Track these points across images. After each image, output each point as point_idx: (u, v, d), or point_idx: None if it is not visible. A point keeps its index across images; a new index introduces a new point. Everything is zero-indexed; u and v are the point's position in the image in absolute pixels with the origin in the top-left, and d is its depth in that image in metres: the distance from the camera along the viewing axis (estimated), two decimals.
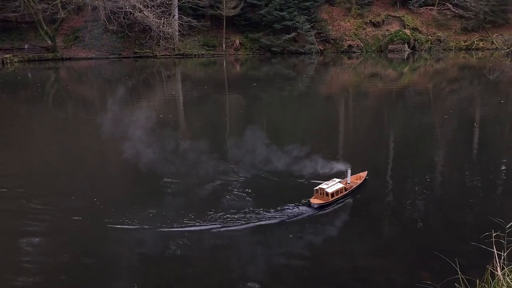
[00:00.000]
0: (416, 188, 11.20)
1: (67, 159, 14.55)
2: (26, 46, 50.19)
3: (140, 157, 14.57)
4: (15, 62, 47.11)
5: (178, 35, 52.25)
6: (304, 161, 12.15)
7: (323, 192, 10.08)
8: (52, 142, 17.26)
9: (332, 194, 10.03)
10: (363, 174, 11.41)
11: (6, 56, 46.74)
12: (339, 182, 10.50)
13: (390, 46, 54.84)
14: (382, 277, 7.33)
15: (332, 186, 10.22)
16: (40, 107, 25.00)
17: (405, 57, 51.19)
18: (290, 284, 7.20)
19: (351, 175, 10.89)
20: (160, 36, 50.86)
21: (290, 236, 8.67)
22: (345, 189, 10.50)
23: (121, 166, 13.70)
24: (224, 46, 53.68)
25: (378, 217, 9.71)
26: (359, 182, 11.04)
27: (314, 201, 9.98)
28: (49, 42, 50.76)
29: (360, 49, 54.96)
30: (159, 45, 51.29)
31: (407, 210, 9.96)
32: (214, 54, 53.28)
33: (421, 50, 54.86)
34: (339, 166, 11.68)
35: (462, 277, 5.47)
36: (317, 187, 10.26)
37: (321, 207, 9.86)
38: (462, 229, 9.11)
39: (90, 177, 12.45)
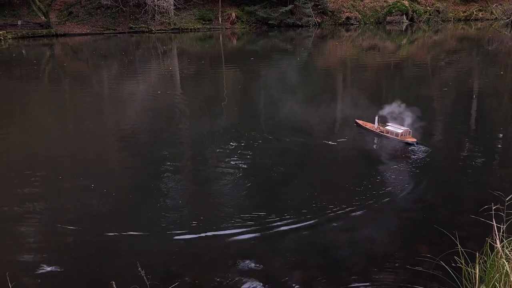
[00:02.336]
0: (413, 162, 11.25)
1: (65, 137, 14.51)
2: (19, 23, 49.35)
3: (140, 135, 14.59)
4: (9, 39, 46.44)
5: (174, 9, 51.42)
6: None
7: (408, 132, 12.63)
8: (49, 121, 17.18)
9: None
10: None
11: None
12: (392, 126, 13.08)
13: (388, 18, 54.20)
14: (379, 251, 7.42)
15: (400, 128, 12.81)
16: (36, 85, 24.78)
17: (404, 29, 50.66)
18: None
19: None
20: (155, 10, 50.08)
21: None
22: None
23: (120, 145, 13.69)
24: (220, 19, 52.92)
25: (373, 188, 9.78)
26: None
27: (412, 139, 12.39)
28: (43, 18, 49.90)
29: (358, 21, 54.31)
30: (154, 19, 50.52)
31: (404, 183, 10.01)
32: (210, 28, 52.58)
33: (419, 22, 54.27)
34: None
35: (461, 250, 5.54)
36: (401, 130, 12.58)
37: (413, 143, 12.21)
38: (461, 202, 9.20)
39: (88, 158, 12.40)
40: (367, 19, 54.71)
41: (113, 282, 5.41)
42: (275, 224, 8.29)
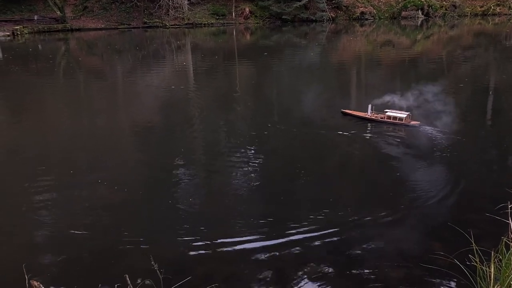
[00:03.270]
0: (427, 157, 11.14)
1: (79, 132, 14.65)
2: (35, 18, 49.91)
3: (154, 129, 14.68)
4: (25, 33, 47.00)
5: (188, 3, 51.50)
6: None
7: (409, 116, 13.61)
8: (64, 115, 17.36)
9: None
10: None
11: (16, 27, 46.62)
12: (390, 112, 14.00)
13: (403, 13, 53.56)
14: (392, 247, 7.37)
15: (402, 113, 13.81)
16: (52, 79, 25.06)
17: (419, 24, 50.05)
18: None
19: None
20: (169, 5, 50.22)
21: None
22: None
23: (133, 139, 13.79)
24: (233, 14, 52.85)
25: (387, 186, 9.72)
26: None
27: (416, 122, 13.47)
28: (58, 13, 50.40)
29: (373, 16, 53.78)
30: (168, 14, 50.68)
31: (418, 179, 9.92)
32: (224, 23, 52.55)
33: (435, 17, 53.53)
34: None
35: (476, 248, 5.48)
36: (404, 115, 13.53)
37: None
38: (476, 200, 9.07)
39: (101, 152, 12.50)
40: (382, 14, 54.15)
41: (127, 275, 5.47)
42: (289, 223, 8.28)
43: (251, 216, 8.47)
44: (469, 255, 5.61)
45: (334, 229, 7.89)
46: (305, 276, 6.67)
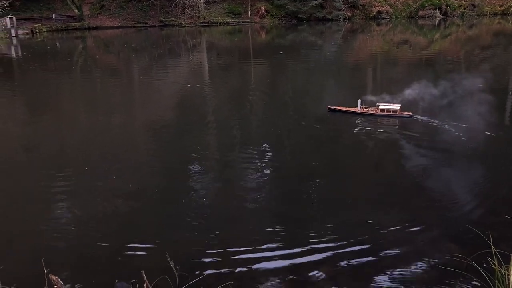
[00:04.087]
0: (450, 159, 11.01)
1: (95, 129, 14.80)
2: (54, 16, 50.59)
3: (170, 128, 14.77)
4: (44, 32, 47.68)
5: (203, 2, 51.70)
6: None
7: (401, 107, 14.41)
8: (80, 112, 17.58)
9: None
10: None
11: (35, 26, 47.33)
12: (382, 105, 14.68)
13: (420, 12, 53.05)
14: (409, 249, 7.30)
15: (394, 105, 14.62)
16: (69, 77, 25.37)
17: (436, 24, 49.49)
18: None
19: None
20: (186, 4, 50.48)
21: None
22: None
23: (149, 137, 13.89)
24: (249, 13, 52.90)
25: (405, 187, 9.64)
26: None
27: (409, 113, 14.35)
28: (76, 11, 51.04)
29: (390, 16, 53.34)
30: (184, 13, 50.93)
31: (435, 179, 9.81)
32: (240, 22, 52.63)
33: (453, 16, 52.88)
34: None
35: (494, 251, 5.40)
36: (397, 107, 14.38)
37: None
38: (495, 202, 8.91)
39: (117, 150, 12.60)
40: (399, 13, 53.66)
41: (143, 272, 5.52)
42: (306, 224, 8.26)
43: (266, 215, 8.48)
44: (488, 258, 5.53)
45: (349, 230, 7.85)
46: (320, 275, 6.65)
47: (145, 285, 4.92)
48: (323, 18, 52.26)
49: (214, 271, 6.78)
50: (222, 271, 6.79)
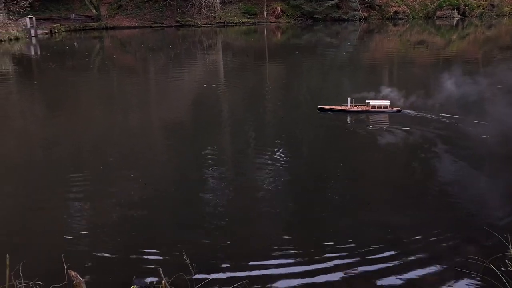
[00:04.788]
0: (467, 161, 10.89)
1: (112, 127, 14.99)
2: (72, 16, 51.31)
3: (186, 126, 14.88)
4: (62, 31, 48.36)
5: (220, 2, 51.92)
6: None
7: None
8: (98, 110, 17.79)
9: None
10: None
11: (54, 26, 48.05)
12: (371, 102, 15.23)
13: (438, 13, 52.46)
14: (426, 251, 7.24)
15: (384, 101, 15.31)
16: (87, 76, 25.71)
17: (454, 24, 48.90)
18: None
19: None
20: (202, 4, 50.72)
21: None
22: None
23: (165, 136, 14.01)
24: (265, 13, 52.94)
25: (422, 188, 9.57)
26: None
27: (397, 108, 15.10)
28: (94, 11, 51.68)
29: (407, 16, 52.86)
30: (200, 13, 51.19)
31: (454, 182, 9.72)
32: (255, 22, 52.72)
33: (471, 16, 52.19)
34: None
35: None
36: (387, 103, 15.07)
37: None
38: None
39: (133, 148, 12.72)
40: (416, 13, 53.15)
41: (160, 269, 5.60)
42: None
43: (281, 216, 8.51)
44: (506, 261, 5.48)
45: (365, 231, 7.83)
46: (335, 277, 6.64)
47: (163, 281, 4.98)
48: (339, 18, 52.04)
49: (229, 270, 6.81)
50: (237, 270, 6.82)
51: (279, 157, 11.35)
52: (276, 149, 11.93)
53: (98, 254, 7.26)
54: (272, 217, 8.45)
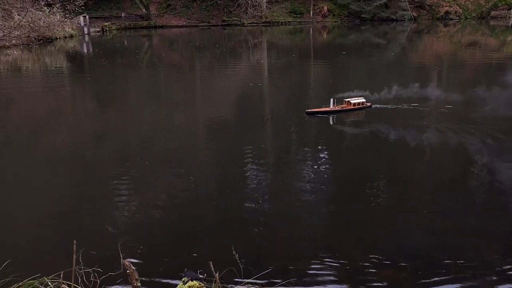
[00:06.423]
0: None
1: (158, 124, 15.35)
2: (123, 15, 52.93)
3: (230, 125, 15.06)
4: (113, 29, 49.96)
5: (266, 2, 52.11)
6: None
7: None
8: (145, 107, 18.29)
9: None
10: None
11: (105, 24, 49.71)
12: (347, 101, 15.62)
13: (492, 12, 50.48)
14: (474, 257, 7.01)
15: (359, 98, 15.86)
16: (136, 73, 26.47)
17: (510, 24, 46.86)
18: None
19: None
20: (248, 4, 51.06)
21: None
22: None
23: (209, 134, 14.22)
24: (311, 13, 52.66)
25: (472, 193, 9.29)
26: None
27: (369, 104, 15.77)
28: (144, 10, 53.07)
29: (458, 16, 51.17)
30: (247, 13, 51.55)
31: (507, 188, 9.37)
32: (301, 22, 52.54)
33: None
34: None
35: None
36: (363, 99, 15.68)
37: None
38: None
39: (178, 145, 12.96)
40: (469, 13, 51.35)
41: (211, 262, 5.71)
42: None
43: (326, 216, 8.48)
44: None
45: (410, 235, 7.70)
46: (380, 279, 6.56)
47: (216, 274, 5.09)
48: (387, 18, 51.04)
49: (276, 267, 6.87)
50: (284, 268, 6.86)
51: (321, 158, 11.31)
52: (318, 148, 11.90)
53: (149, 245, 7.49)
54: (315, 217, 8.44)
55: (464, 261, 6.90)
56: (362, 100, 15.74)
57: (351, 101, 15.45)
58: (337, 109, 15.33)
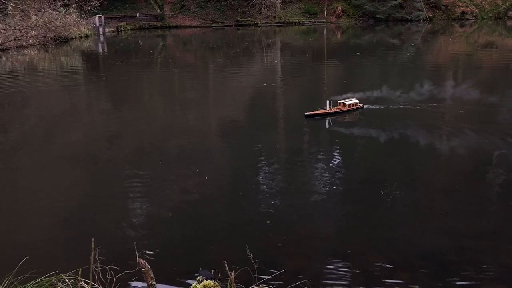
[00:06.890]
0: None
1: (171, 124, 15.43)
2: (137, 15, 53.34)
3: (244, 127, 15.06)
4: (128, 29, 50.37)
5: (280, 2, 52.07)
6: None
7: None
8: (158, 107, 18.41)
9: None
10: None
11: (120, 24, 50.17)
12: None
13: (510, 13, 49.80)
14: (493, 261, 6.91)
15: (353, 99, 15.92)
16: (150, 72, 26.65)
17: None
18: None
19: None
20: (262, 4, 51.08)
21: None
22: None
23: (222, 135, 14.25)
24: (325, 13, 52.49)
25: (490, 195, 9.17)
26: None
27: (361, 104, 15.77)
28: (158, 10, 53.41)
29: (475, 16, 50.58)
30: (260, 13, 51.58)
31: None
32: (315, 22, 52.40)
33: None
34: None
35: None
36: (356, 100, 15.72)
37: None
38: None
39: (191, 146, 12.97)
40: (485, 14, 50.72)
41: (225, 262, 5.71)
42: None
43: (340, 216, 8.44)
44: None
45: (427, 238, 7.61)
46: (395, 282, 6.51)
47: (232, 273, 5.09)
48: (402, 18, 50.66)
49: (290, 268, 6.85)
50: (299, 269, 6.84)
51: (334, 159, 11.25)
52: (332, 149, 11.85)
53: (164, 244, 7.53)
54: (330, 218, 8.40)
55: (482, 264, 6.81)
56: (355, 101, 15.84)
57: (345, 102, 15.45)
58: (333, 110, 15.28)
